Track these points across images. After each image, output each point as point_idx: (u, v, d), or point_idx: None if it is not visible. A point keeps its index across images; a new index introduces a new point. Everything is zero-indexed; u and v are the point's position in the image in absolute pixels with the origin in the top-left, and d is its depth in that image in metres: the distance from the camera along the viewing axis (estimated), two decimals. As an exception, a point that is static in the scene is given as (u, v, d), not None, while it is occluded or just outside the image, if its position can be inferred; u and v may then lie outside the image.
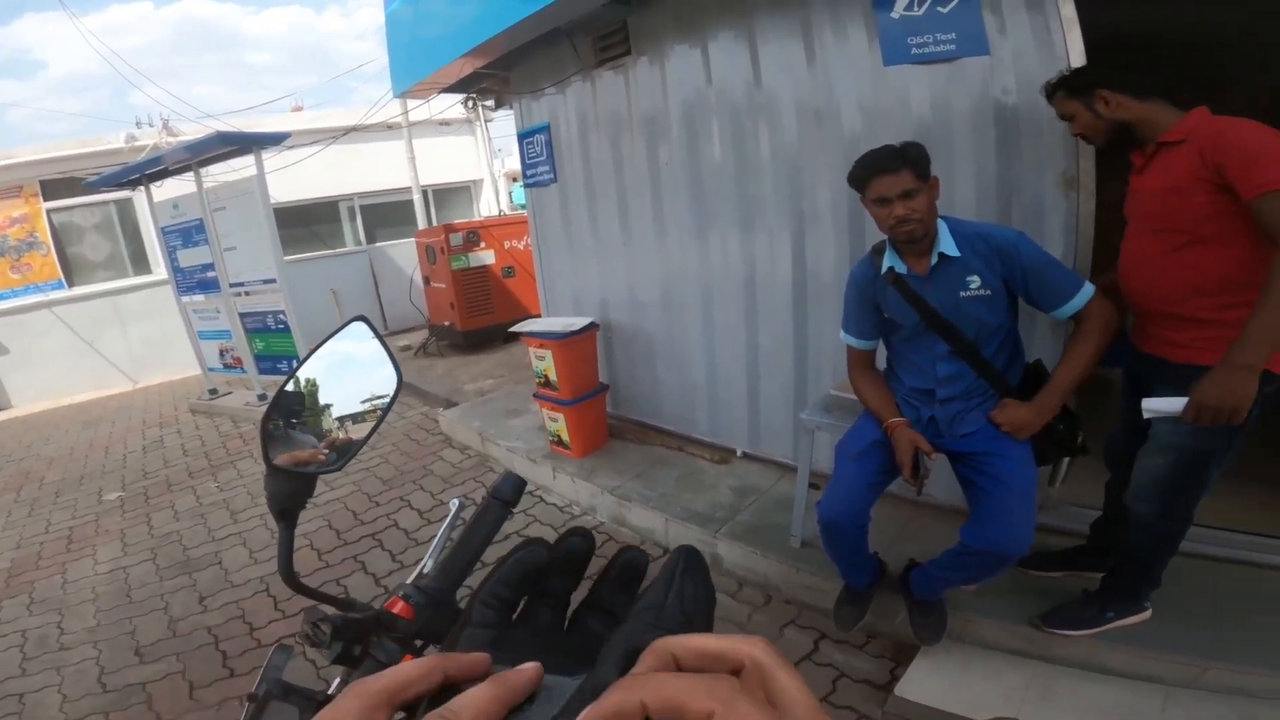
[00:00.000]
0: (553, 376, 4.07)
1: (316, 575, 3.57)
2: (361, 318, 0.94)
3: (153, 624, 3.35)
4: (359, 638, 0.79)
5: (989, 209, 2.66)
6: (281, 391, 0.89)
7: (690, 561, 0.37)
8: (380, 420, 0.93)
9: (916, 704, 2.24)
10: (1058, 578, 2.58)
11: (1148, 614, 2.26)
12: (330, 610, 0.81)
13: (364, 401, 0.93)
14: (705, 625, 0.35)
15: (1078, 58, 2.38)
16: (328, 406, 0.92)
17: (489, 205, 11.42)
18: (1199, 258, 1.81)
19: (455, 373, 7.04)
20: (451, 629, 0.88)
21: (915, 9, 2.66)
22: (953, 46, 2.62)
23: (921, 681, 2.31)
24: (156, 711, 2.72)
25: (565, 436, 4.21)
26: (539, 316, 4.97)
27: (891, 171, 1.92)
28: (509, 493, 0.92)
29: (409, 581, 0.87)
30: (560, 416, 4.16)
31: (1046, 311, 2.01)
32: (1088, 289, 1.95)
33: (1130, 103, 1.92)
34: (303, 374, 0.91)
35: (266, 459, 0.82)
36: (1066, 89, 2.03)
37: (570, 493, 4.08)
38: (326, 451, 0.88)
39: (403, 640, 0.80)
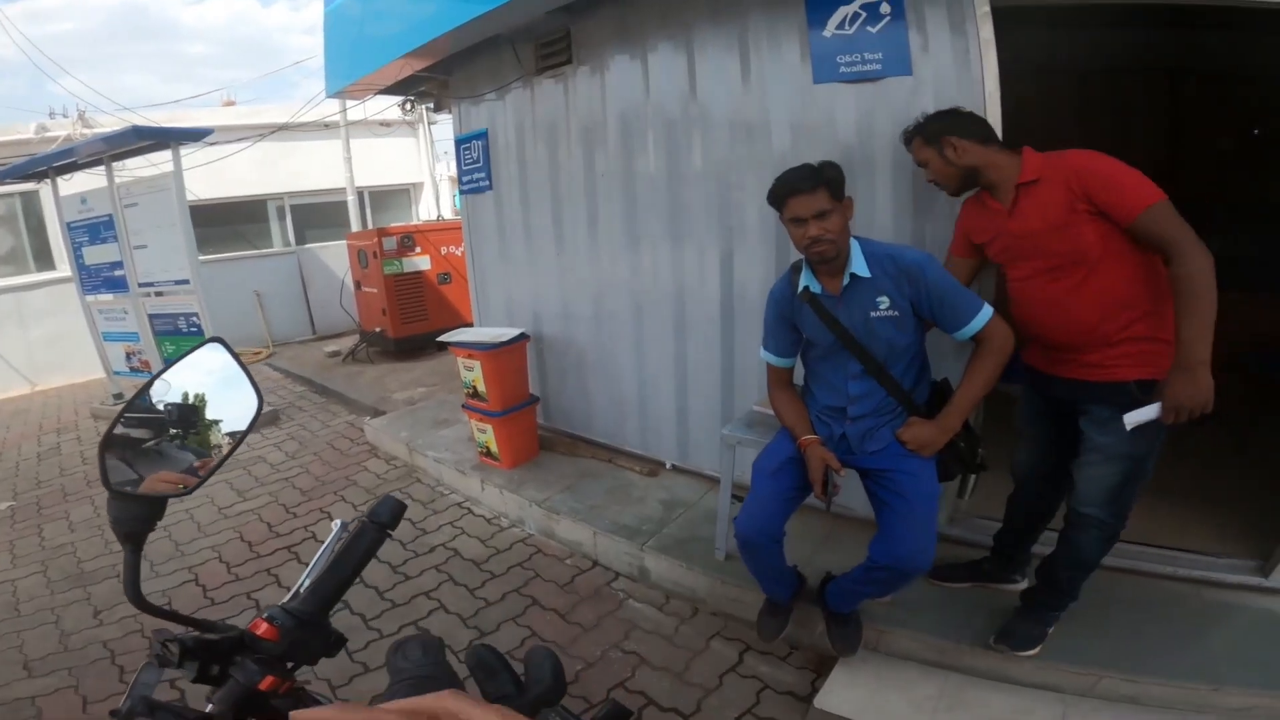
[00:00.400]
0: (481, 387, 4.02)
1: (225, 589, 3.42)
2: (217, 339, 0.93)
3: (42, 638, 3.16)
4: (215, 659, 0.77)
5: (905, 229, 2.75)
6: (137, 407, 0.86)
7: None
8: (236, 446, 0.91)
9: (835, 715, 2.27)
10: (965, 589, 2.66)
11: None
12: (185, 631, 0.78)
13: (232, 427, 0.91)
14: None
15: (993, 80, 2.48)
16: (217, 421, 0.89)
17: (429, 209, 11.24)
18: (1101, 285, 1.93)
19: (384, 380, 6.89)
20: (323, 651, 0.86)
21: (847, 28, 2.73)
22: (879, 66, 2.70)
23: (839, 693, 2.35)
24: None
25: (494, 448, 4.15)
26: (472, 325, 4.89)
27: (806, 192, 1.95)
28: (386, 516, 0.92)
29: (281, 603, 0.85)
30: (489, 428, 4.11)
31: (948, 332, 2.07)
32: (986, 311, 2.02)
33: (974, 148, 2.07)
34: (187, 388, 0.88)
35: (106, 482, 0.78)
36: (923, 136, 2.16)
37: (498, 505, 4.02)
38: (191, 479, 0.85)
39: (267, 662, 0.78)
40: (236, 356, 0.92)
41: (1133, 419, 1.91)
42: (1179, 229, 1.78)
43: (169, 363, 0.89)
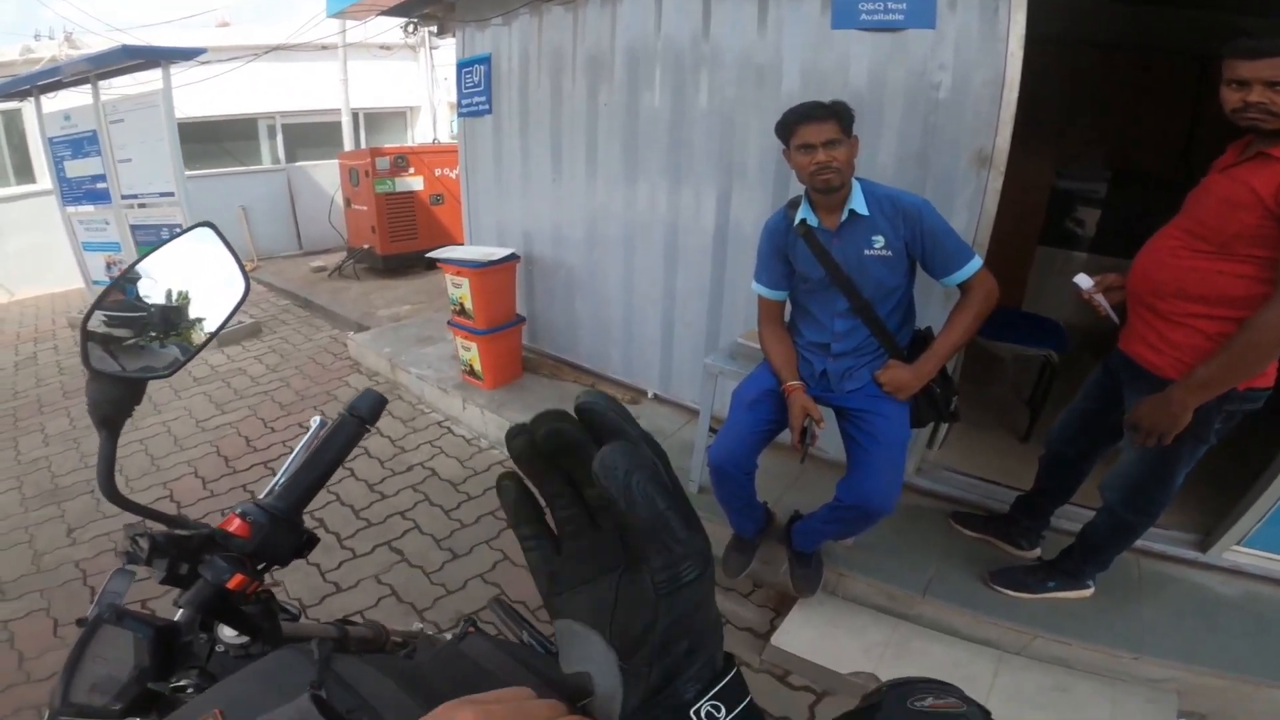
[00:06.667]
0: (468, 305, 4.01)
1: (200, 505, 3.42)
2: (207, 223, 0.90)
3: (16, 558, 3.14)
4: (185, 556, 0.75)
5: (906, 177, 2.73)
6: (117, 297, 0.84)
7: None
8: (217, 332, 0.88)
9: (790, 654, 2.36)
10: (973, 538, 2.72)
11: (1089, 592, 2.38)
12: (156, 527, 0.76)
13: (216, 313, 0.88)
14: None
15: (1017, 41, 2.43)
16: (200, 320, 0.87)
17: (426, 134, 11.03)
18: (1206, 264, 1.81)
19: (370, 297, 6.85)
20: (294, 551, 0.83)
21: (875, -26, 2.66)
22: (901, 16, 2.64)
23: (795, 633, 2.43)
24: (19, 650, 2.57)
25: (478, 367, 4.17)
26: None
27: (819, 119, 1.94)
28: (366, 410, 0.90)
29: (255, 498, 0.83)
30: (474, 346, 4.11)
31: (937, 278, 2.08)
32: (976, 261, 2.03)
33: None
34: (169, 284, 0.85)
35: (86, 361, 0.75)
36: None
37: (479, 425, 4.05)
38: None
39: (236, 560, 0.76)
40: (226, 241, 0.89)
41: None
42: None
43: (156, 245, 0.86)
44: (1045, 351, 3.30)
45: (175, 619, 0.73)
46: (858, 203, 2.04)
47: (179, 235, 0.88)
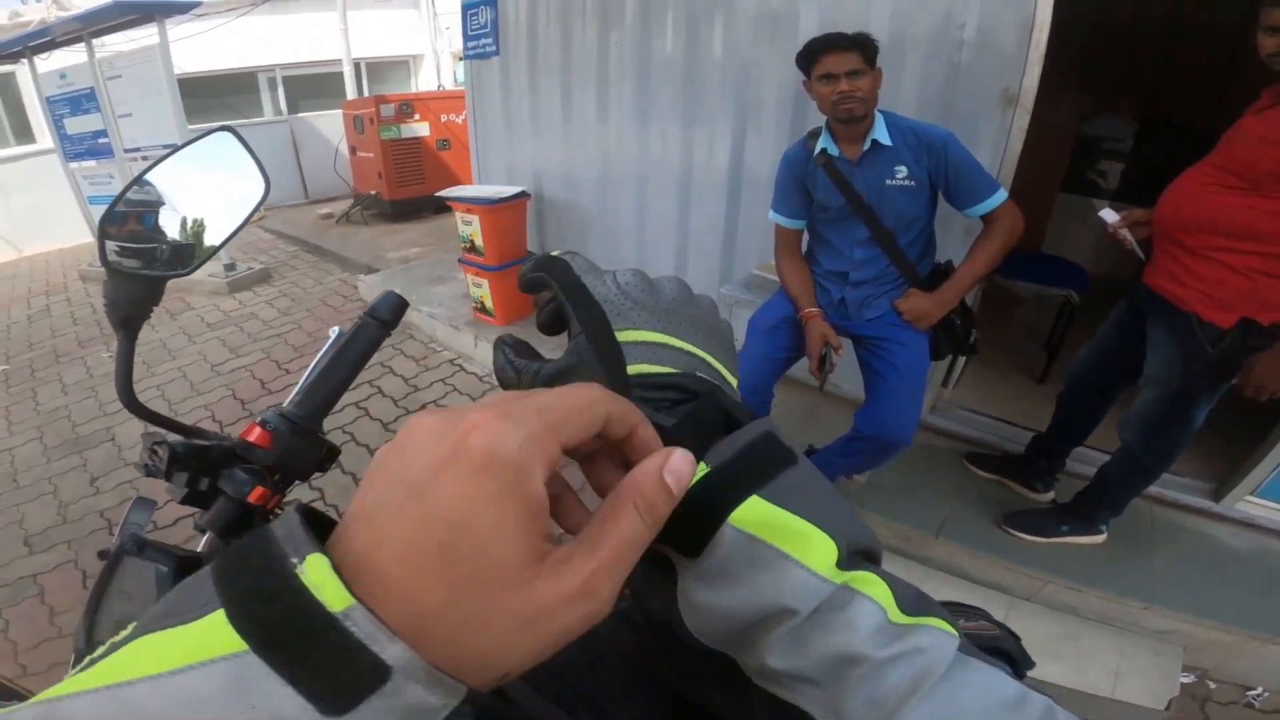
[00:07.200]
0: (479, 242, 3.99)
1: (218, 449, 3.45)
2: (226, 126, 0.88)
3: (42, 510, 3.16)
4: (205, 469, 0.73)
5: (929, 115, 2.66)
6: (134, 205, 0.81)
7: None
8: (240, 228, 0.87)
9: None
10: (987, 479, 2.71)
11: (1102, 537, 2.37)
12: (175, 438, 0.73)
13: (236, 214, 0.87)
14: None
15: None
16: (214, 249, 0.86)
17: (429, 82, 10.87)
18: (1236, 200, 1.78)
19: (379, 241, 6.83)
20: (315, 464, 0.82)
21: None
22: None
23: (804, 573, 2.44)
24: (50, 605, 2.60)
25: (489, 303, 4.18)
26: (472, 187, 4.84)
27: (843, 49, 1.90)
28: (386, 312, 0.86)
29: (276, 407, 0.81)
30: (485, 282, 4.12)
31: (961, 209, 2.06)
32: (1001, 193, 2.00)
33: None
34: (185, 211, 0.83)
35: (104, 259, 0.73)
36: None
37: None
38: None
39: (257, 471, 0.74)
40: (246, 143, 0.88)
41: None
42: None
43: (174, 149, 0.84)
44: (1066, 291, 3.26)
45: (198, 549, 0.71)
46: (880, 133, 2.01)
47: (198, 139, 0.85)
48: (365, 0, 9.71)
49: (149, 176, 0.81)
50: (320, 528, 0.25)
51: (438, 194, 4.25)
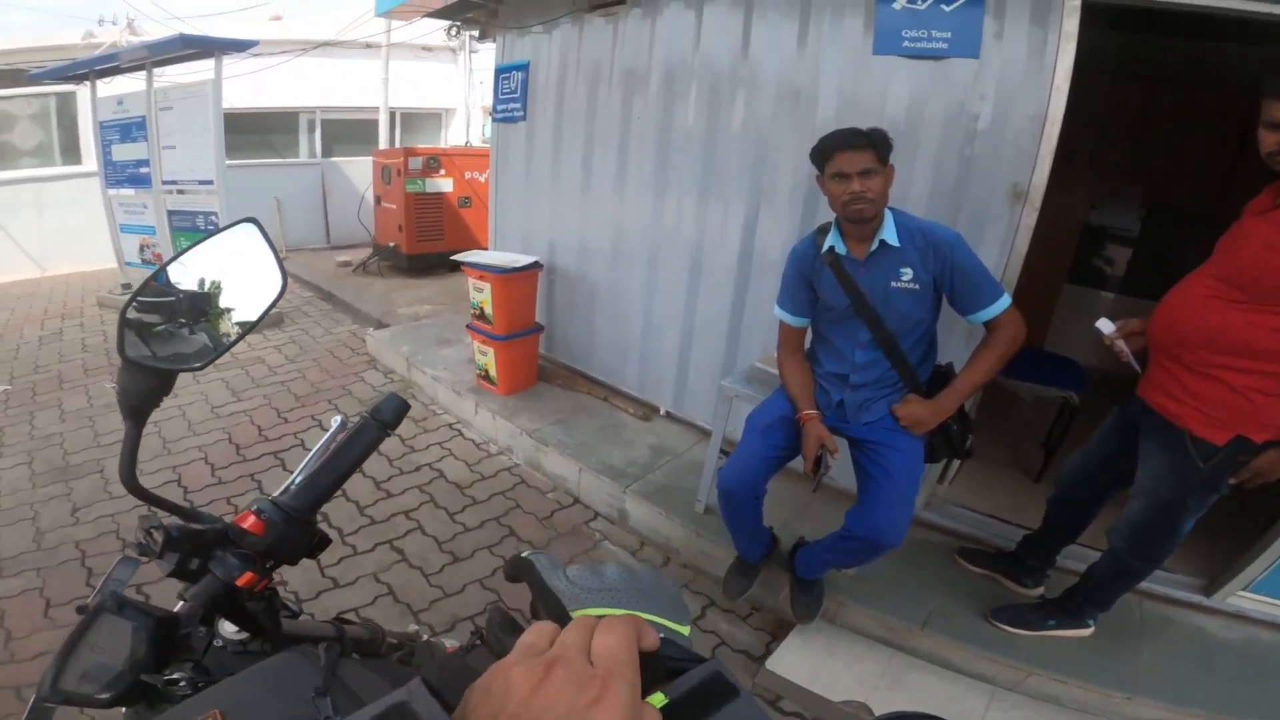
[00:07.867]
0: (489, 310, 4.02)
1: (207, 492, 3.42)
2: (252, 219, 0.90)
3: (17, 535, 3.11)
4: (197, 551, 0.75)
5: (939, 209, 2.71)
6: (154, 285, 0.84)
7: None
8: (253, 327, 0.89)
9: (783, 679, 2.33)
10: (977, 574, 2.70)
11: (1089, 630, 2.37)
12: (171, 520, 0.76)
13: (252, 309, 0.89)
14: None
15: (1064, 75, 2.41)
16: (229, 310, 0.88)
17: (459, 136, 11.15)
18: (1238, 316, 1.76)
19: (392, 295, 6.88)
20: (306, 551, 0.84)
21: (919, 2, 2.65)
22: (945, 45, 2.63)
23: (791, 658, 2.41)
24: (8, 629, 2.54)
25: (493, 372, 4.17)
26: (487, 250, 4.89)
27: (856, 148, 1.92)
28: (388, 414, 0.88)
29: (271, 496, 0.83)
30: (490, 351, 4.12)
31: (964, 314, 2.05)
32: (1005, 299, 2.00)
33: None
34: (204, 275, 0.86)
35: (121, 350, 0.76)
36: None
37: (490, 430, 4.04)
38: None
39: (248, 557, 0.76)
40: (268, 238, 0.90)
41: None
42: None
43: (200, 239, 0.87)
44: (1065, 393, 3.25)
45: (176, 610, 0.72)
46: (889, 233, 2.01)
47: (223, 230, 0.89)
48: (407, 52, 10.06)
49: (173, 265, 0.85)
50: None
51: (453, 257, 4.30)
